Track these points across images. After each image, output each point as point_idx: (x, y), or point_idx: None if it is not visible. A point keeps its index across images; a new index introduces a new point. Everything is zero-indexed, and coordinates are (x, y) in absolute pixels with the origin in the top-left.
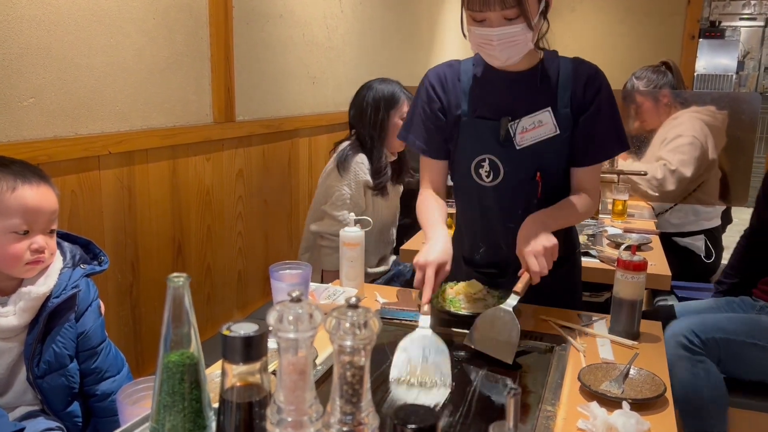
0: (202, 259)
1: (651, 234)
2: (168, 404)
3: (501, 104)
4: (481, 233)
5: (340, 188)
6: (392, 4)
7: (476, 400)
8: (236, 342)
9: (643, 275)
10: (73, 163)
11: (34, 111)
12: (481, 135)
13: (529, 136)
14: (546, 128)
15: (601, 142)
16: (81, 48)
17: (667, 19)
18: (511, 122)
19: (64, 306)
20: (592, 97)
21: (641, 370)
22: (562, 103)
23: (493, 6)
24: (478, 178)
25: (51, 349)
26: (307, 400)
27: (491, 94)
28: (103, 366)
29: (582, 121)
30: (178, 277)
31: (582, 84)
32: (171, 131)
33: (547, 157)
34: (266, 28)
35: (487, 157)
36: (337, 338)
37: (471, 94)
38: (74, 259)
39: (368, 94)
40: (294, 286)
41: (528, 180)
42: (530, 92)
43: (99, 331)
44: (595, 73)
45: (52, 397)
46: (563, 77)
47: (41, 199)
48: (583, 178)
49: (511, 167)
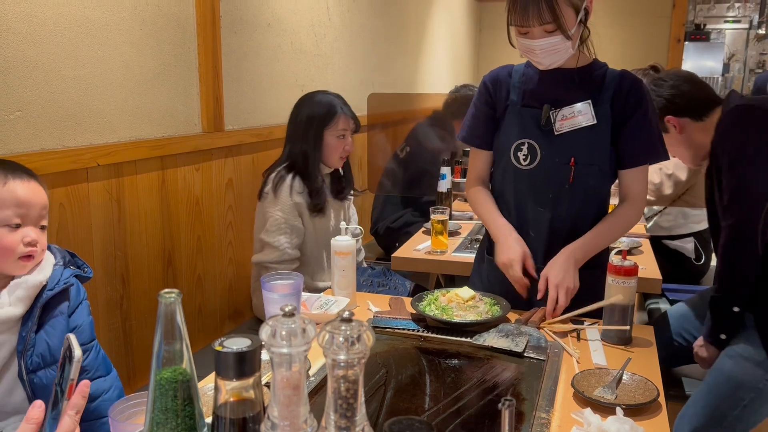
0: (193, 270)
1: (641, 237)
2: (161, 421)
3: (546, 95)
4: (515, 220)
5: (273, 213)
6: (380, 12)
7: (471, 410)
8: (229, 358)
9: (635, 280)
10: (61, 175)
11: (21, 124)
12: (524, 121)
13: (568, 124)
14: (584, 118)
15: (643, 146)
16: (68, 60)
17: (653, 22)
18: (553, 110)
19: (58, 299)
20: (635, 103)
21: (634, 375)
22: (603, 99)
23: (532, 22)
24: (516, 161)
25: (44, 342)
26: (301, 415)
27: (539, 87)
28: (93, 364)
29: (629, 124)
30: (169, 294)
31: (626, 89)
32: (159, 142)
33: (582, 145)
34: (254, 37)
35: (527, 141)
36: (331, 353)
37: (521, 88)
38: (64, 260)
39: (302, 110)
40: (285, 297)
41: (562, 165)
42: (574, 87)
43: (89, 329)
44: (639, 84)
45: (44, 393)
46: (609, 79)
47: (32, 193)
48: (629, 182)
49: (548, 152)
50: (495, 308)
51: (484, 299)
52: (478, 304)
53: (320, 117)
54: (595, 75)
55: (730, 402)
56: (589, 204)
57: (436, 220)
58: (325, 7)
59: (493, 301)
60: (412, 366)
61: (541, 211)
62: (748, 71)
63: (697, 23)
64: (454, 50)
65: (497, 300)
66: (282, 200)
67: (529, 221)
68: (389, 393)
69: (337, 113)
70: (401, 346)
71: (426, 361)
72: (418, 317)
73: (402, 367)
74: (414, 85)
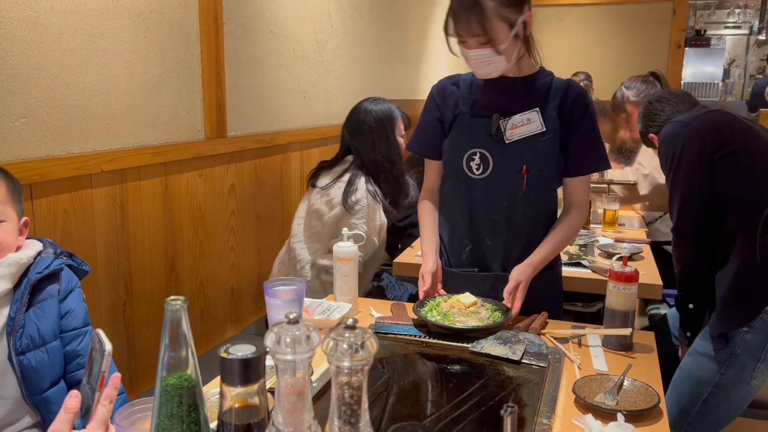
0: (195, 276)
1: (642, 243)
2: (167, 427)
3: (495, 104)
4: (468, 230)
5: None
6: (381, 19)
7: (473, 416)
8: (234, 364)
9: (635, 286)
10: (65, 182)
11: (26, 131)
12: (475, 130)
13: (518, 132)
14: (533, 126)
15: (587, 156)
16: (72, 67)
17: (653, 29)
18: (502, 119)
19: (47, 282)
20: (580, 113)
21: (635, 381)
22: (550, 108)
23: (462, 33)
24: (469, 170)
25: (33, 324)
26: (305, 421)
27: (487, 96)
28: (86, 349)
29: (573, 135)
30: (175, 301)
31: (571, 98)
32: (163, 148)
33: (533, 153)
34: (257, 44)
35: (479, 151)
36: (335, 360)
37: (469, 97)
38: (56, 251)
39: (368, 118)
40: (288, 303)
41: (514, 173)
42: (522, 95)
43: (82, 314)
44: (584, 94)
45: (33, 377)
46: (554, 88)
47: None
48: (573, 190)
49: (500, 160)
50: (496, 314)
51: (485, 305)
52: (480, 310)
53: (389, 119)
54: (540, 84)
55: (691, 398)
56: (542, 209)
57: None
58: (327, 14)
59: (495, 307)
60: (414, 372)
61: (497, 219)
62: (748, 77)
63: (698, 29)
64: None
65: (498, 306)
66: (372, 212)
67: (484, 229)
68: (391, 399)
69: (399, 114)
70: (403, 352)
71: (428, 367)
72: (420, 323)
73: (404, 372)
74: (415, 92)
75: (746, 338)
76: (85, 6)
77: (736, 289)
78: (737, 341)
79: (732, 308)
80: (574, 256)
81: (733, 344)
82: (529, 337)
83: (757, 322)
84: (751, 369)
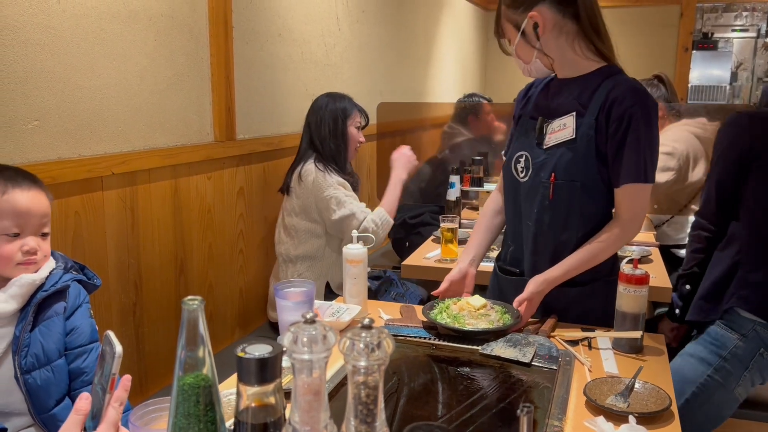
0: (204, 278)
1: (651, 246)
2: (183, 426)
3: (544, 105)
4: (511, 231)
5: (329, 192)
6: (389, 22)
7: (484, 418)
8: (251, 364)
9: (646, 289)
10: (76, 184)
11: (38, 133)
12: (526, 133)
13: (554, 138)
14: (567, 132)
15: (622, 165)
16: (84, 71)
17: (660, 32)
18: (546, 122)
19: (53, 300)
20: (617, 118)
21: (646, 383)
22: (590, 112)
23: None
24: (515, 172)
25: (38, 342)
26: (321, 421)
27: (542, 98)
28: (92, 367)
29: (614, 141)
30: (192, 300)
31: (610, 101)
32: (172, 151)
33: (562, 160)
34: (266, 47)
35: (524, 154)
36: (352, 359)
37: (534, 100)
38: (66, 265)
39: (323, 110)
40: (299, 304)
41: (544, 180)
42: (568, 98)
43: (89, 331)
44: (626, 96)
45: (39, 395)
46: (601, 89)
47: (31, 202)
48: (618, 200)
49: (536, 166)
50: (506, 316)
51: (495, 307)
52: (490, 312)
53: (342, 110)
54: (590, 84)
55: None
56: (574, 221)
57: (446, 228)
58: (335, 17)
59: (504, 309)
60: (424, 374)
61: (528, 225)
62: (756, 80)
63: (705, 32)
64: (461, 59)
65: (508, 308)
66: (330, 180)
67: (517, 233)
68: (402, 400)
69: (354, 107)
70: (413, 354)
71: (438, 369)
72: (430, 325)
73: (414, 374)
74: (422, 95)
75: (738, 345)
76: (97, 10)
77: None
78: (728, 348)
79: (706, 300)
80: None
81: (724, 350)
82: (539, 339)
83: (750, 332)
84: (737, 377)
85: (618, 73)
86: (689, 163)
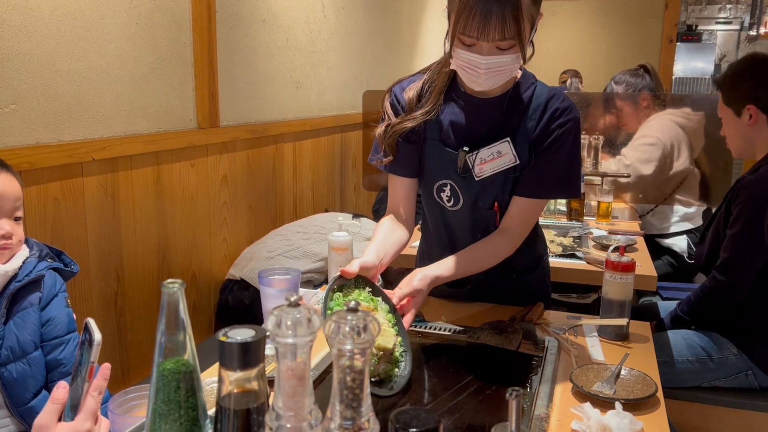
0: (187, 266)
1: (636, 235)
2: (164, 413)
3: (463, 132)
4: (449, 246)
5: None
6: (374, 9)
7: (470, 405)
8: (233, 348)
9: (632, 276)
10: (55, 170)
11: (15, 117)
12: (444, 161)
13: (489, 167)
14: (505, 159)
15: (545, 179)
16: (63, 53)
17: (645, 23)
18: (469, 153)
19: (27, 291)
20: (555, 133)
21: (632, 370)
22: (525, 134)
23: (492, 37)
24: (441, 201)
25: (13, 335)
26: (306, 406)
27: (456, 118)
28: (70, 359)
29: (540, 152)
30: (172, 284)
31: (547, 117)
32: (155, 137)
33: (505, 187)
34: (250, 33)
35: (449, 183)
36: (337, 342)
37: (442, 122)
38: (41, 253)
39: None
40: (283, 292)
41: (486, 209)
42: (495, 120)
43: (66, 321)
44: (562, 111)
45: (15, 389)
46: (533, 107)
47: (4, 186)
48: (515, 211)
49: (470, 197)
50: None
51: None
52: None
53: None
54: (520, 101)
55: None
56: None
57: None
58: (320, 4)
59: (387, 308)
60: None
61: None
62: None
63: (689, 24)
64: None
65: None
66: None
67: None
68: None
69: None
70: None
71: (424, 356)
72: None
73: None
74: None
75: (729, 357)
76: None
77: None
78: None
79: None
80: (569, 247)
81: (717, 353)
82: (525, 327)
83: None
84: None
85: (534, 79)
86: (673, 153)
